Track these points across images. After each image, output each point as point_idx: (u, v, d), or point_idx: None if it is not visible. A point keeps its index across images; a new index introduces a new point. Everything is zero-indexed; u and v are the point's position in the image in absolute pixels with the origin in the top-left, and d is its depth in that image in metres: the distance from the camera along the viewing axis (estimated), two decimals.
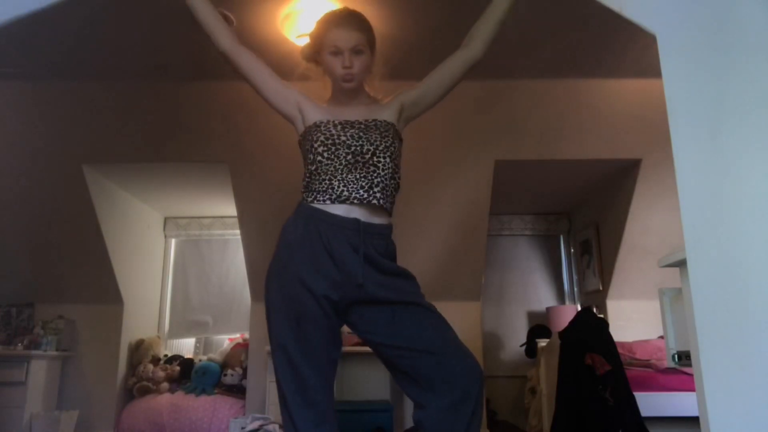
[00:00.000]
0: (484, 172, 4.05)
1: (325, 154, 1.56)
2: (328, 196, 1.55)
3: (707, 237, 1.34)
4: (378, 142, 1.58)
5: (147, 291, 5.02)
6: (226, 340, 4.94)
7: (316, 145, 1.57)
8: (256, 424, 3.45)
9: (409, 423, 4.23)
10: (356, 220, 1.54)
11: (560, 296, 5.50)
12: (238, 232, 4.42)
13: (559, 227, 5.64)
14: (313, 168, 1.59)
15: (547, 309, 4.98)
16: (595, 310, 3.66)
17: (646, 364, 3.53)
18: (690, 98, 1.43)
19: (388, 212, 1.62)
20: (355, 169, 1.56)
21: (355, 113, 1.65)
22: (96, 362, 4.49)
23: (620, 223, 4.41)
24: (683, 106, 1.42)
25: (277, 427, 3.24)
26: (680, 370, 3.16)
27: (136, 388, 4.47)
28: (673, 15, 1.49)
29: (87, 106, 3.88)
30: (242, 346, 4.59)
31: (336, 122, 1.60)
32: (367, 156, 1.56)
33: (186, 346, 5.20)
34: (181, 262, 5.40)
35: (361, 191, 1.55)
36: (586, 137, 4.03)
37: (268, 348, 3.64)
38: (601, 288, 4.79)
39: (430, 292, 1.64)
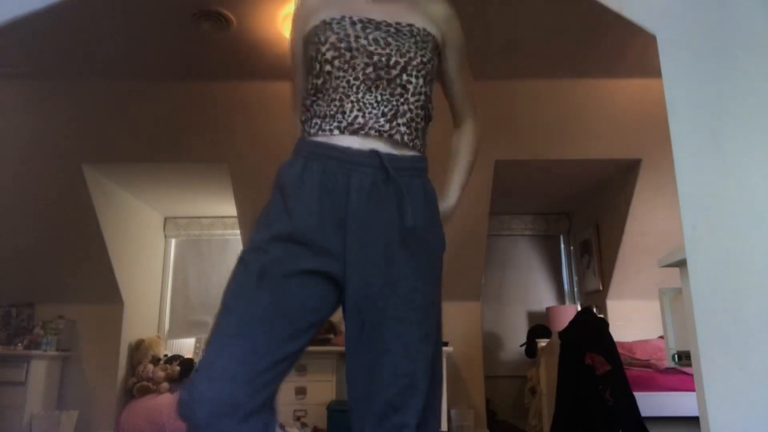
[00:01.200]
0: (484, 172, 4.05)
1: (336, 63, 1.15)
2: (336, 123, 1.15)
3: (707, 237, 1.34)
4: (412, 54, 1.17)
5: (147, 291, 5.02)
6: None
7: (323, 50, 1.16)
8: None
9: None
10: (374, 153, 1.13)
11: (560, 296, 5.50)
12: (238, 232, 4.43)
13: (559, 227, 5.63)
14: (319, 82, 1.17)
15: (547, 309, 4.98)
16: (595, 310, 3.66)
17: (646, 364, 3.53)
18: (690, 98, 1.42)
19: (419, 150, 1.21)
20: (376, 88, 1.15)
21: (383, 11, 1.22)
22: (96, 362, 4.49)
23: (620, 223, 4.40)
24: (683, 106, 1.42)
25: (277, 426, 3.23)
26: (680, 370, 3.16)
27: (136, 388, 4.47)
28: (673, 15, 1.49)
29: (87, 106, 3.88)
30: None
31: (355, 19, 1.19)
32: (394, 72, 1.16)
33: (186, 346, 5.20)
34: (181, 262, 5.40)
35: (381, 120, 1.15)
36: (586, 137, 4.03)
37: None
38: (601, 288, 4.79)
39: None
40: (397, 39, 1.18)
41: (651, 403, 3.13)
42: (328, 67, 1.16)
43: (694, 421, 1.59)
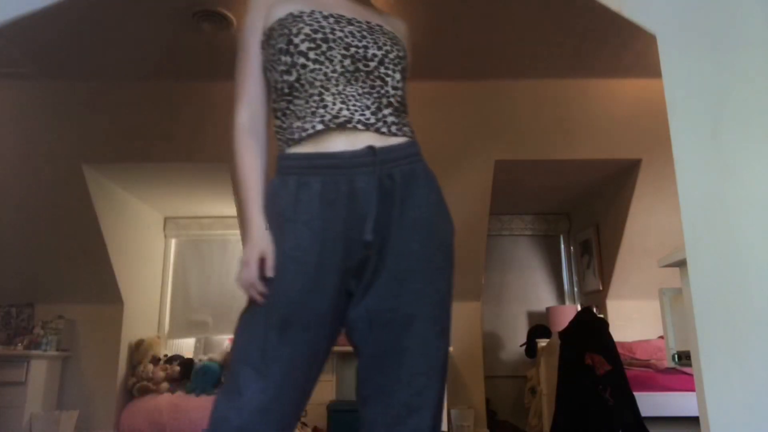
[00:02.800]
0: (484, 172, 4.05)
1: (311, 54, 1.08)
2: (319, 118, 1.08)
3: (707, 237, 1.34)
4: (388, 47, 1.14)
5: (147, 291, 5.01)
6: (226, 340, 4.94)
7: (296, 41, 1.09)
8: None
9: None
10: (369, 150, 1.07)
11: (560, 296, 5.50)
12: (238, 232, 4.42)
13: (559, 227, 5.63)
14: (291, 78, 1.10)
15: (547, 309, 4.98)
16: (595, 310, 3.66)
17: (646, 364, 3.53)
18: (690, 98, 1.42)
19: (409, 136, 1.16)
20: (356, 80, 1.10)
21: (351, 11, 1.19)
22: (96, 362, 4.49)
23: (620, 223, 4.40)
24: (683, 106, 1.42)
25: None
26: (680, 370, 3.16)
27: (136, 388, 4.47)
28: (673, 15, 1.49)
29: (87, 106, 3.89)
30: None
31: (326, 14, 1.14)
32: (372, 64, 1.11)
33: (186, 346, 5.20)
34: (181, 262, 5.40)
35: (366, 113, 1.09)
36: (586, 137, 4.03)
37: None
38: (601, 288, 4.79)
39: None
40: (371, 34, 1.14)
41: (651, 403, 3.14)
42: (302, 60, 1.09)
43: (694, 421, 1.59)
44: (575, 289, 5.43)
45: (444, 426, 3.78)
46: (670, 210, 3.95)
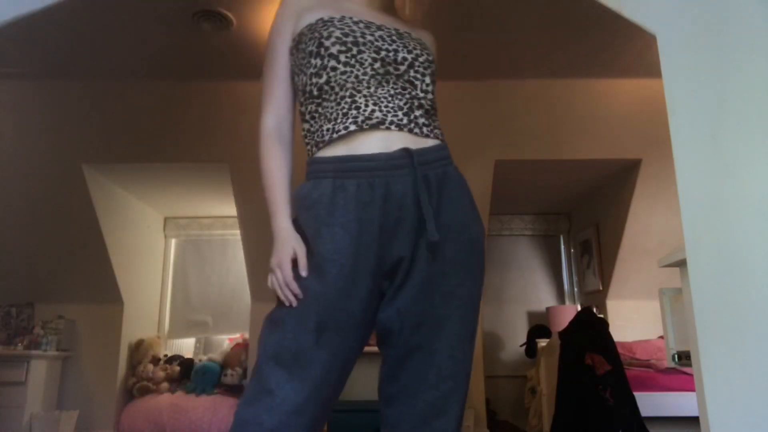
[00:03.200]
0: (484, 172, 4.05)
1: (342, 57, 1.09)
2: (351, 119, 1.08)
3: (707, 237, 1.34)
4: (418, 51, 1.15)
5: (147, 291, 5.02)
6: (226, 340, 4.94)
7: (327, 44, 1.10)
8: None
9: None
10: (404, 152, 1.07)
11: (560, 296, 5.50)
12: (238, 232, 4.42)
13: (559, 227, 5.63)
14: (321, 81, 1.10)
15: (547, 309, 4.98)
16: (595, 310, 3.66)
17: (646, 364, 3.53)
18: (690, 98, 1.42)
19: (440, 139, 1.17)
20: (387, 82, 1.11)
21: (381, 19, 1.21)
22: (96, 362, 4.49)
23: (620, 223, 4.41)
24: (683, 106, 1.42)
25: None
26: (680, 370, 3.16)
27: (136, 388, 4.47)
28: (673, 15, 1.49)
29: (87, 106, 3.88)
30: (242, 346, 4.59)
31: (356, 19, 1.15)
32: (402, 68, 1.12)
33: (186, 346, 5.20)
34: (181, 262, 5.40)
35: (399, 113, 1.09)
36: (586, 137, 4.03)
37: None
38: (601, 288, 4.79)
39: None
40: (400, 39, 1.16)
41: (651, 403, 3.14)
42: (333, 63, 1.09)
43: (694, 421, 1.59)
44: (575, 289, 5.43)
45: None
46: (670, 210, 3.96)
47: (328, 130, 1.10)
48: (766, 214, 1.32)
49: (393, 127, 1.08)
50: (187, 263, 5.39)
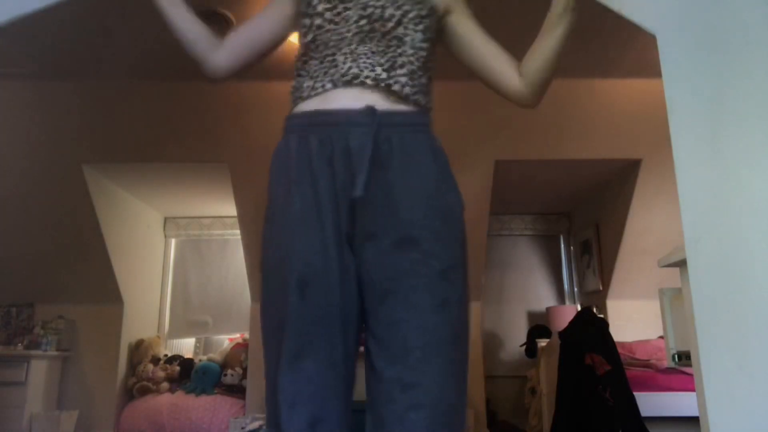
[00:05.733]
0: (484, 172, 4.05)
1: (327, 15, 1.09)
2: (329, 78, 1.07)
3: (707, 237, 1.34)
4: (408, 7, 1.10)
5: (147, 291, 5.02)
6: (226, 340, 4.94)
7: (314, 3, 1.10)
8: (256, 424, 3.46)
9: None
10: (370, 109, 1.04)
11: (560, 296, 5.50)
12: (238, 232, 4.42)
13: (559, 227, 5.63)
14: (308, 40, 1.11)
15: (547, 309, 4.98)
16: (595, 310, 3.66)
17: (646, 364, 3.53)
18: (690, 98, 1.42)
19: (423, 105, 1.12)
20: (371, 39, 1.08)
21: None
22: (96, 362, 4.49)
23: (620, 223, 4.40)
24: (683, 106, 1.42)
25: None
26: (680, 370, 3.16)
27: (136, 388, 4.47)
28: (673, 15, 1.49)
29: (87, 106, 3.88)
30: (242, 346, 4.59)
31: None
32: (390, 24, 1.08)
33: (186, 346, 5.20)
34: (181, 262, 5.40)
35: (378, 68, 1.07)
36: (586, 137, 4.03)
37: None
38: (601, 288, 4.79)
39: None
40: None
41: (651, 403, 3.13)
42: (318, 21, 1.09)
43: (694, 421, 1.59)
44: (575, 289, 5.43)
45: None
46: (670, 210, 3.95)
47: (308, 87, 1.10)
48: (766, 214, 1.32)
49: (369, 81, 1.05)
50: (187, 263, 5.39)
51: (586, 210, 5.20)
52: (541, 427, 3.77)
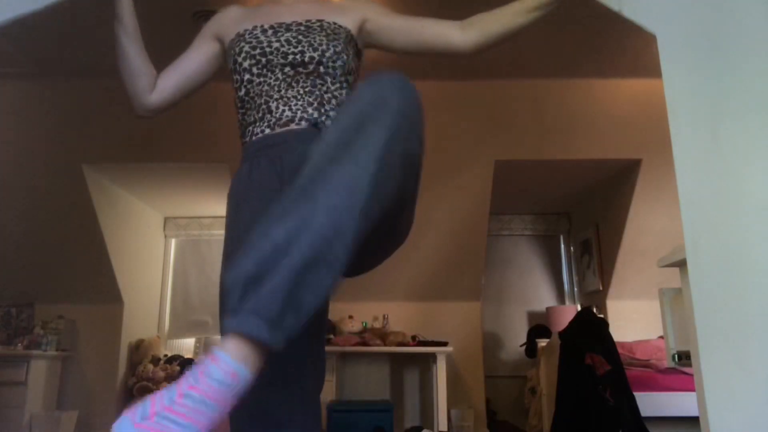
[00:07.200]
0: (484, 172, 4.05)
1: (254, 69, 1.19)
2: (266, 123, 1.18)
3: (707, 237, 1.34)
4: (324, 47, 1.19)
5: (147, 291, 5.02)
6: None
7: (239, 60, 1.21)
8: None
9: (409, 423, 4.23)
10: (312, 125, 1.16)
11: (560, 296, 5.50)
12: None
13: (559, 227, 5.63)
14: (242, 93, 1.23)
15: (547, 309, 4.98)
16: (595, 310, 3.66)
17: (646, 364, 3.53)
18: (690, 98, 1.42)
19: None
20: (297, 83, 1.18)
21: (294, 13, 1.28)
22: (96, 362, 4.49)
23: (620, 223, 4.41)
24: (683, 106, 1.42)
25: None
26: (680, 370, 3.16)
27: (136, 388, 4.47)
28: (673, 15, 1.49)
29: (87, 106, 3.89)
30: None
31: (265, 27, 1.24)
32: (311, 66, 1.18)
33: (186, 346, 5.20)
34: (181, 262, 5.40)
35: (309, 109, 1.17)
36: (586, 137, 4.03)
37: None
38: (601, 288, 4.79)
39: (430, 291, 1.62)
40: (307, 36, 1.21)
41: (651, 403, 3.13)
42: (247, 76, 1.20)
43: (694, 421, 1.59)
44: (575, 289, 5.43)
45: (444, 426, 3.78)
46: (670, 210, 3.96)
47: (249, 132, 1.23)
48: (766, 214, 1.33)
49: (303, 123, 1.16)
50: (187, 263, 5.39)
51: (586, 210, 5.20)
52: (541, 427, 3.77)
